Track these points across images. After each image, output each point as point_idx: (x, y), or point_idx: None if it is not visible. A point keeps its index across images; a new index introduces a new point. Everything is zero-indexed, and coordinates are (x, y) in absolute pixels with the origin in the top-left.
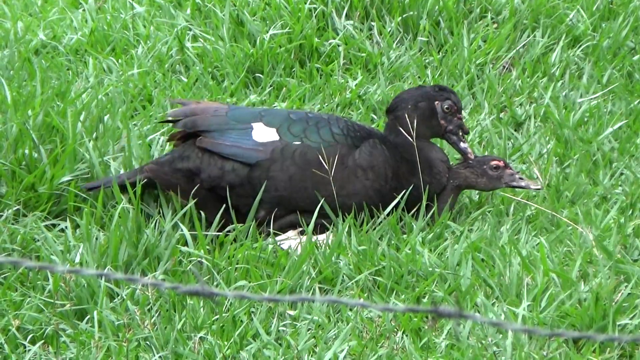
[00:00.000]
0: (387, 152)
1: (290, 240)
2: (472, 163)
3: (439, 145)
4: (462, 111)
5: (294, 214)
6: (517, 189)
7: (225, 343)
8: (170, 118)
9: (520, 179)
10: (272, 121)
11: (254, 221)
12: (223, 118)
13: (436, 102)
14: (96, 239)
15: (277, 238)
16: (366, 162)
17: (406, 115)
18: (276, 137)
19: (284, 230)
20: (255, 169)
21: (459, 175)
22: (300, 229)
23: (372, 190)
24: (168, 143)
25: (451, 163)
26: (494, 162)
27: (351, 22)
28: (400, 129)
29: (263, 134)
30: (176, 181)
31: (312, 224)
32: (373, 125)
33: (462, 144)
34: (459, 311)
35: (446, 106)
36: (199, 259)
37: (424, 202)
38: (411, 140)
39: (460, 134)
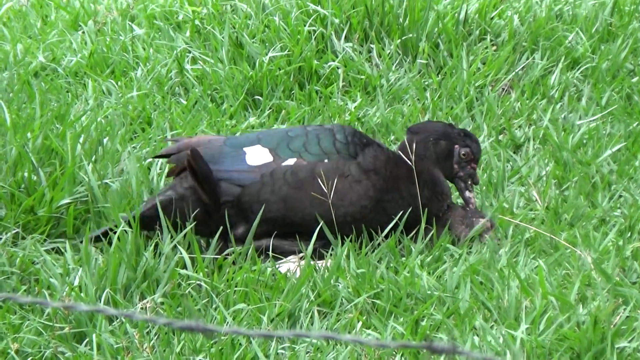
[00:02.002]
0: (391, 155)
1: (289, 263)
2: (468, 212)
3: None
4: (479, 162)
5: (268, 238)
6: (515, 211)
7: None
8: (164, 153)
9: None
10: (269, 142)
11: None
12: (217, 147)
13: (456, 146)
14: (95, 261)
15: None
16: (371, 164)
17: (424, 147)
18: (270, 158)
19: (282, 253)
20: (244, 193)
21: (456, 212)
22: (301, 254)
23: (372, 190)
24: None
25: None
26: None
27: (350, 44)
28: (403, 150)
29: (257, 156)
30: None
31: (310, 247)
32: None
33: (467, 193)
34: (453, 347)
35: (463, 152)
36: (198, 282)
37: (423, 224)
38: (417, 162)
39: (470, 182)
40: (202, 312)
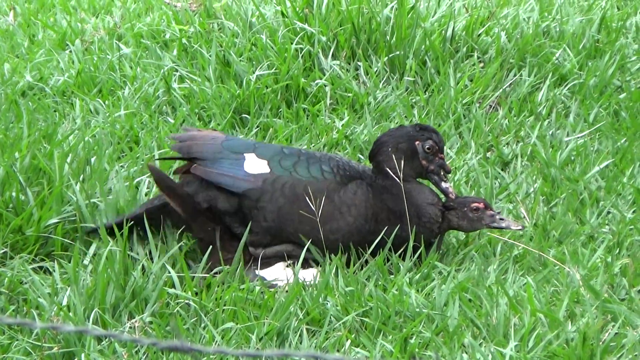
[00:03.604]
0: (370, 195)
1: (278, 281)
2: (454, 205)
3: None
4: (444, 150)
5: (281, 244)
6: (503, 229)
7: None
8: (170, 140)
9: (501, 219)
10: (264, 153)
11: (242, 259)
12: (217, 146)
13: (417, 142)
14: (84, 280)
15: (262, 274)
16: (350, 199)
17: (388, 159)
18: (267, 170)
19: (270, 260)
20: (245, 199)
21: (444, 218)
22: (288, 262)
23: (354, 227)
24: (175, 176)
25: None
26: (474, 204)
27: (337, 62)
28: (388, 170)
29: (254, 165)
30: (177, 188)
31: (300, 262)
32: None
33: (443, 184)
34: None
35: (427, 146)
36: (186, 301)
37: (411, 242)
38: (398, 182)
39: (442, 173)
40: (190, 332)
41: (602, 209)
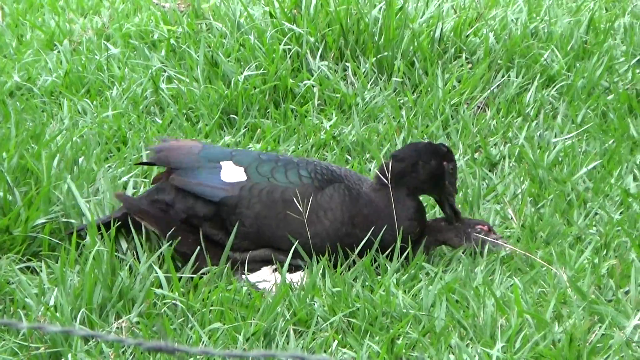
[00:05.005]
0: (347, 198)
1: (265, 282)
2: (458, 225)
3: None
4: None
5: (265, 248)
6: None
7: None
8: (148, 152)
9: (504, 243)
10: (241, 160)
11: (228, 260)
12: (195, 156)
13: (445, 162)
14: (71, 281)
15: (250, 277)
16: (326, 203)
17: (416, 168)
18: (244, 177)
19: (256, 263)
20: (222, 206)
21: (443, 234)
22: (274, 266)
23: (330, 230)
24: (152, 185)
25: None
26: (478, 227)
27: (326, 63)
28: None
29: (231, 173)
30: (150, 209)
31: (286, 265)
32: (348, 166)
33: (455, 205)
34: None
35: (451, 167)
36: (173, 301)
37: (399, 243)
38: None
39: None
40: (178, 332)
41: (589, 210)
